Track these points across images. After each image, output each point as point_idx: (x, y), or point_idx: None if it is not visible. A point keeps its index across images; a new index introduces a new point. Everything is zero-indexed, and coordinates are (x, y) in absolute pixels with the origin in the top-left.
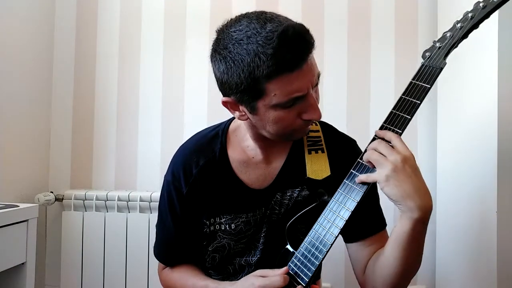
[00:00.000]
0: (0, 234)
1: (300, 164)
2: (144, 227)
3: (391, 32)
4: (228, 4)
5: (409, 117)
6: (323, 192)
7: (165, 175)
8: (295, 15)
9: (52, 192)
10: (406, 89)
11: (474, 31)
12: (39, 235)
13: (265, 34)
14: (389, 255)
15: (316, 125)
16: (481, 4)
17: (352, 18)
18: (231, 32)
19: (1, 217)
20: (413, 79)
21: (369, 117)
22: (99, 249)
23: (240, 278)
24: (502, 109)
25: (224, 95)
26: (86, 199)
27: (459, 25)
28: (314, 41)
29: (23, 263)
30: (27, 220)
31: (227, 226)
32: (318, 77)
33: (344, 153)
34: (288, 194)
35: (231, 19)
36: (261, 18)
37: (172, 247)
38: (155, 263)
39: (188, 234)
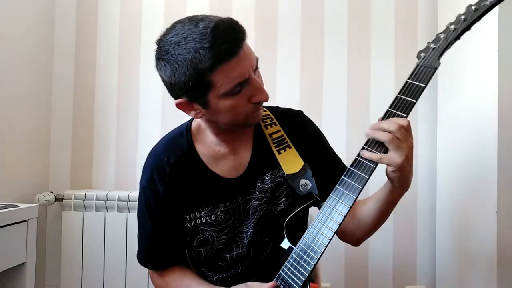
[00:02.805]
0: (0, 234)
1: (267, 150)
2: None
3: (391, 32)
4: (228, 3)
5: (405, 115)
6: (306, 167)
7: (139, 182)
8: (295, 15)
9: (52, 192)
10: (402, 88)
11: (475, 31)
12: (39, 235)
13: (199, 31)
14: (373, 212)
15: (276, 124)
16: (473, 7)
17: (352, 18)
18: (169, 38)
19: (1, 217)
20: (409, 78)
21: (369, 117)
22: (99, 249)
23: (232, 273)
24: (502, 109)
25: (176, 98)
26: (86, 199)
27: (452, 26)
28: (244, 30)
29: (23, 263)
30: (27, 220)
31: (207, 218)
32: (257, 62)
33: (301, 134)
34: (267, 178)
35: (167, 28)
36: (193, 19)
37: (155, 251)
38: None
39: (170, 235)
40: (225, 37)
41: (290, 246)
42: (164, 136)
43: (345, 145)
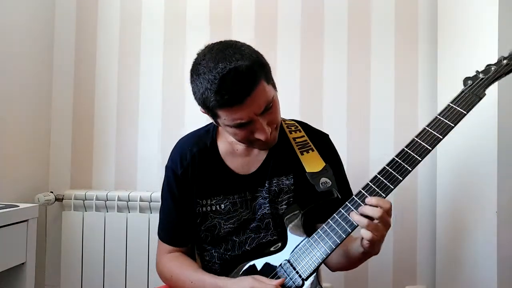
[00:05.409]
0: (0, 234)
1: (287, 153)
2: (144, 227)
3: (391, 32)
4: (228, 4)
5: (441, 137)
6: (327, 167)
7: (166, 164)
8: (295, 15)
9: (52, 192)
10: (443, 110)
11: (475, 31)
12: (39, 235)
13: (214, 73)
14: (342, 259)
15: (300, 131)
16: None
17: (352, 18)
18: (198, 64)
19: (1, 217)
20: (451, 102)
21: (369, 117)
22: (99, 249)
23: (234, 254)
24: (502, 109)
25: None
26: (86, 199)
27: (505, 61)
28: (261, 74)
29: (23, 263)
30: (27, 220)
31: (217, 206)
32: (269, 103)
33: (326, 147)
34: (274, 182)
35: (206, 48)
36: (218, 56)
37: (173, 227)
38: (155, 262)
39: (185, 214)
40: (231, 87)
41: (301, 239)
42: (193, 130)
43: (345, 145)
